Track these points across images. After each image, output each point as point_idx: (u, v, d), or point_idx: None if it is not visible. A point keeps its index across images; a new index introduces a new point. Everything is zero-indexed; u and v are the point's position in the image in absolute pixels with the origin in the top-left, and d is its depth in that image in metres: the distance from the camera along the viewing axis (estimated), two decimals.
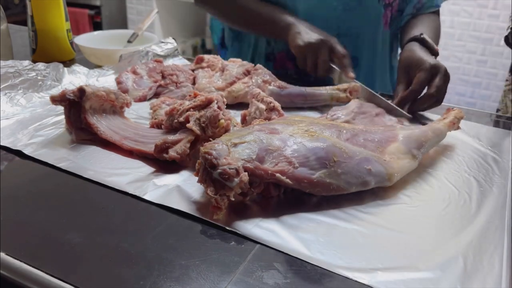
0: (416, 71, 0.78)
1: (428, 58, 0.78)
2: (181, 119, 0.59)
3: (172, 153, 0.56)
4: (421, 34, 0.85)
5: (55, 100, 0.63)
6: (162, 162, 0.57)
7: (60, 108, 0.66)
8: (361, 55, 0.99)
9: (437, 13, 1.01)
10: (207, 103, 0.59)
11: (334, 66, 0.85)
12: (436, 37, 0.94)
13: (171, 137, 0.58)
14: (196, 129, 0.58)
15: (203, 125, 0.58)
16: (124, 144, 0.60)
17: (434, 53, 0.83)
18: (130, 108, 0.70)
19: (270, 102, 0.65)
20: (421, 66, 0.77)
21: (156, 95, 0.82)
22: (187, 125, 0.58)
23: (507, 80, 1.35)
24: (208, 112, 0.58)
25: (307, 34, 0.85)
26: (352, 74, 0.83)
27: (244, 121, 0.68)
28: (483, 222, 0.49)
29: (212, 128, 0.58)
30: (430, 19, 0.97)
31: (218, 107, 0.59)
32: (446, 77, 0.76)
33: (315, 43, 0.83)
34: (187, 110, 0.60)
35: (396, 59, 1.12)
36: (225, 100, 0.61)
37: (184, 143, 0.57)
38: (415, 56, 0.80)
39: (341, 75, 0.85)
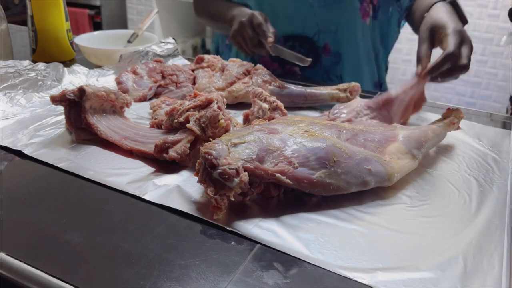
0: (442, 33, 0.72)
1: (457, 23, 0.73)
2: (181, 119, 0.59)
3: (172, 153, 0.56)
4: None
5: (55, 100, 0.63)
6: (162, 162, 0.57)
7: (60, 108, 0.66)
8: (343, 50, 0.99)
9: None
10: (207, 103, 0.59)
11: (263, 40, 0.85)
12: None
13: (171, 137, 0.58)
14: (196, 129, 0.57)
15: (203, 125, 0.58)
16: (124, 144, 0.60)
17: (464, 21, 0.79)
18: (130, 108, 0.70)
19: (273, 102, 0.65)
20: (448, 29, 0.71)
21: (156, 95, 0.82)
22: (187, 125, 0.58)
23: None
24: (208, 112, 0.58)
25: (234, 23, 0.86)
26: (270, 39, 0.81)
27: (247, 121, 0.68)
28: (483, 222, 0.49)
29: (212, 128, 0.58)
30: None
31: (218, 107, 0.58)
32: (471, 48, 0.72)
33: (237, 28, 0.84)
34: (187, 110, 0.60)
35: (384, 53, 1.08)
36: (225, 100, 0.61)
37: (184, 143, 0.57)
38: (443, 18, 0.74)
39: (273, 45, 0.83)
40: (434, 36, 0.74)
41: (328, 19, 0.96)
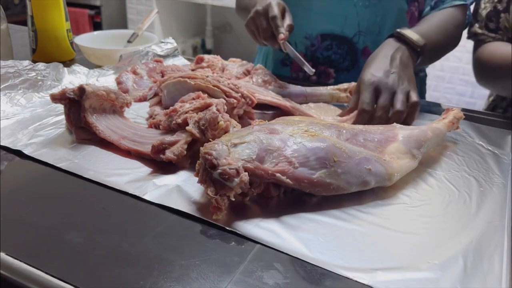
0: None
1: (379, 72, 0.68)
2: (179, 120, 0.59)
3: (168, 154, 0.56)
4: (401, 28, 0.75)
5: (55, 98, 0.63)
6: (162, 162, 0.57)
7: (60, 108, 0.66)
8: None
9: (461, 8, 0.88)
10: (206, 107, 0.59)
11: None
12: (441, 32, 0.83)
13: (169, 138, 0.58)
14: (195, 132, 0.57)
15: (202, 127, 0.58)
16: (122, 144, 0.60)
17: (416, 46, 0.74)
18: (130, 108, 0.70)
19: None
20: (359, 81, 0.69)
21: (156, 95, 0.82)
22: (187, 128, 0.58)
23: None
24: (207, 115, 0.58)
25: (252, 11, 0.81)
26: (281, 36, 0.76)
27: None
28: (483, 222, 0.49)
29: (212, 131, 0.57)
30: (445, 13, 0.86)
31: (217, 110, 0.58)
32: (395, 94, 0.66)
33: (252, 16, 0.80)
34: (186, 112, 0.59)
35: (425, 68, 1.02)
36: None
37: (181, 144, 0.57)
38: (369, 64, 0.71)
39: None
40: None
41: (371, 20, 0.90)
